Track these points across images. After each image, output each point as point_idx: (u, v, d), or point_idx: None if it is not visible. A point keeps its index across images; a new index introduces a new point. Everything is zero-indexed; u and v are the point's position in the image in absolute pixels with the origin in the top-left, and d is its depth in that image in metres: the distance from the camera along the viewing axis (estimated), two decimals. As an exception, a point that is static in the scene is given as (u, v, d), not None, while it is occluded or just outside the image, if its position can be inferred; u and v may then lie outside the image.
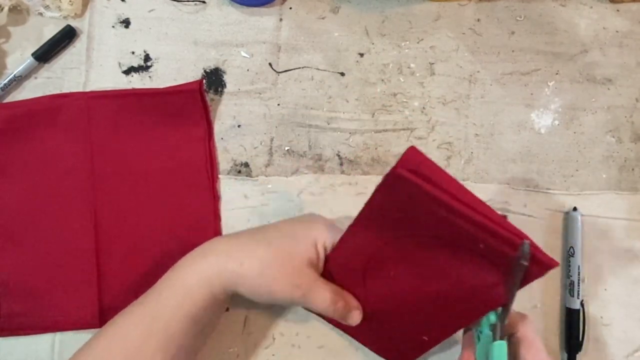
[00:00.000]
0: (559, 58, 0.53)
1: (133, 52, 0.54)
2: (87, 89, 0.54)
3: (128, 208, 0.52)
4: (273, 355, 0.51)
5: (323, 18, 0.54)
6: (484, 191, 0.52)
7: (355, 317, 0.45)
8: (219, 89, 0.54)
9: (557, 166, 0.52)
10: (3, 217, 0.52)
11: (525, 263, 0.36)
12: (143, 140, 0.53)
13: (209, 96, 0.53)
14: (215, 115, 0.54)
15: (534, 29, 0.53)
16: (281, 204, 0.53)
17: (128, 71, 0.54)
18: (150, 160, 0.53)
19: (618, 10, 0.53)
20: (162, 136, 0.53)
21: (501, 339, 0.39)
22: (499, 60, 0.53)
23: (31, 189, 0.52)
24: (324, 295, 0.43)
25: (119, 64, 0.54)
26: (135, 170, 0.52)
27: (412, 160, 0.37)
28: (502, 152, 0.52)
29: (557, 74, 0.53)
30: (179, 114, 0.52)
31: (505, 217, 0.38)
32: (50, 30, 0.53)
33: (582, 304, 0.50)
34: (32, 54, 0.53)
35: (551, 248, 0.52)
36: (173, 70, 0.54)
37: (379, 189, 0.39)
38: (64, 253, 0.52)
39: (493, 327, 0.40)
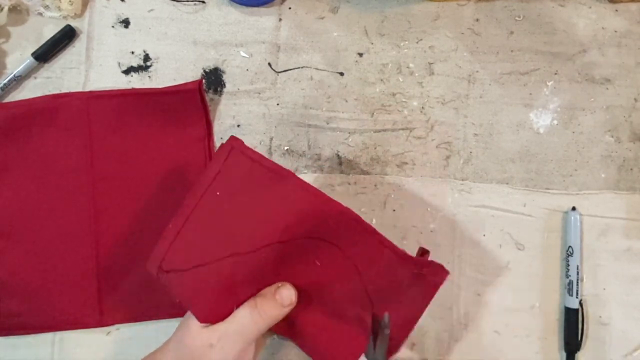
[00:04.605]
0: (558, 58, 0.53)
1: (132, 52, 0.54)
2: (87, 89, 0.54)
3: (128, 208, 0.52)
4: (272, 354, 0.51)
5: (322, 18, 0.54)
6: (483, 191, 0.52)
7: (286, 292, 0.43)
8: (219, 89, 0.54)
9: (556, 166, 0.52)
10: (3, 217, 0.52)
11: (387, 331, 0.40)
12: (142, 140, 0.53)
13: (209, 96, 0.53)
14: (214, 115, 0.54)
15: (533, 28, 0.53)
16: (280, 203, 0.53)
17: (128, 71, 0.54)
18: (149, 160, 0.53)
19: (617, 10, 0.53)
20: (161, 136, 0.53)
21: None
22: (498, 60, 0.53)
23: (31, 189, 0.52)
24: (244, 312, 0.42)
25: (119, 64, 0.54)
26: (134, 170, 0.52)
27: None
28: (501, 152, 0.52)
29: (555, 73, 0.53)
30: (178, 114, 0.52)
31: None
32: (50, 30, 0.53)
33: (581, 304, 0.50)
34: (32, 54, 0.53)
35: (550, 248, 0.52)
36: (172, 70, 0.54)
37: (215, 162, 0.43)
38: (64, 253, 0.52)
39: None
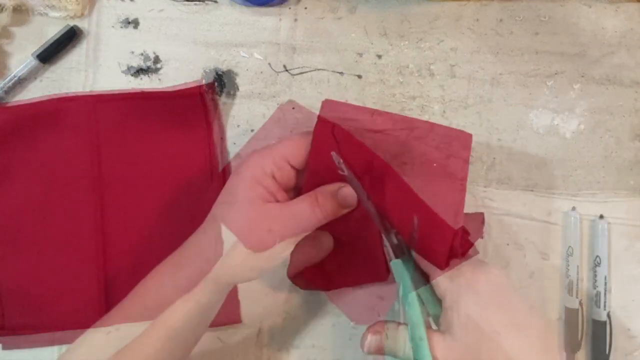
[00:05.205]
0: (584, 60, 0.51)
1: (133, 52, 0.53)
2: (89, 90, 0.53)
3: (133, 210, 0.52)
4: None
5: (322, 18, 0.53)
6: (506, 198, 0.51)
7: (348, 190, 0.42)
8: (218, 89, 0.53)
9: (584, 171, 0.51)
10: (8, 220, 0.52)
11: (416, 235, 0.41)
12: (147, 142, 0.52)
13: (208, 96, 0.53)
14: (214, 116, 0.53)
15: (558, 29, 0.52)
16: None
17: (129, 71, 0.53)
18: (154, 162, 0.52)
19: (645, 11, 0.51)
20: (164, 138, 0.52)
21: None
22: (523, 62, 0.51)
23: (36, 192, 0.52)
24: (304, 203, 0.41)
25: (119, 64, 0.53)
26: (139, 173, 0.52)
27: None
28: (526, 157, 0.51)
29: (582, 76, 0.51)
30: (180, 115, 0.52)
31: None
32: (52, 31, 0.53)
33: (580, 304, 0.50)
34: (35, 55, 0.52)
35: (550, 248, 0.51)
36: (173, 70, 0.53)
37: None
38: (69, 256, 0.52)
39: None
